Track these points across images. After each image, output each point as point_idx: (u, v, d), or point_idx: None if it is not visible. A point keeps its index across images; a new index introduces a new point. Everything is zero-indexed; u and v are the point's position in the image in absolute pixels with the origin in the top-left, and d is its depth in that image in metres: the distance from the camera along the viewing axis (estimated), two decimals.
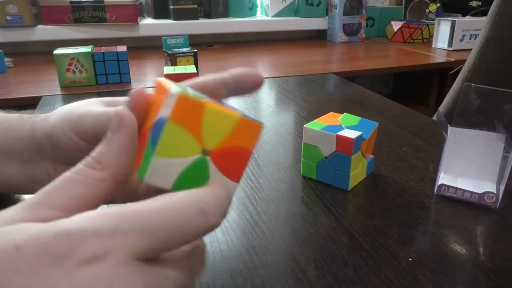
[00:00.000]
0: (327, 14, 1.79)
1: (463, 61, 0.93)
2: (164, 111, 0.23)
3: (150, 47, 1.57)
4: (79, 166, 0.22)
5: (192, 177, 0.24)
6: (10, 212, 0.20)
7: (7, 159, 0.36)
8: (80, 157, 0.35)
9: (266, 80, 1.01)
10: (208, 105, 0.23)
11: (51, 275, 0.18)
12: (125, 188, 0.34)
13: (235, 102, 0.81)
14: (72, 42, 1.41)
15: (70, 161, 0.35)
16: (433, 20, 1.71)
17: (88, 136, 0.33)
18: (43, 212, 0.20)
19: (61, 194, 0.21)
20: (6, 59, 1.21)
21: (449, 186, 0.44)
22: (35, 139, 0.35)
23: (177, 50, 1.04)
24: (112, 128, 0.23)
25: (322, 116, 0.48)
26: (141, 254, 0.20)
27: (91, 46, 1.02)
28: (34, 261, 0.18)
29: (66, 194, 0.21)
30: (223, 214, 0.22)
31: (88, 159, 0.22)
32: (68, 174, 0.22)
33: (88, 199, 0.21)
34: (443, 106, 0.93)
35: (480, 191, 0.42)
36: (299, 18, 1.75)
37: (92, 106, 0.34)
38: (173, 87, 0.23)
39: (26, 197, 0.43)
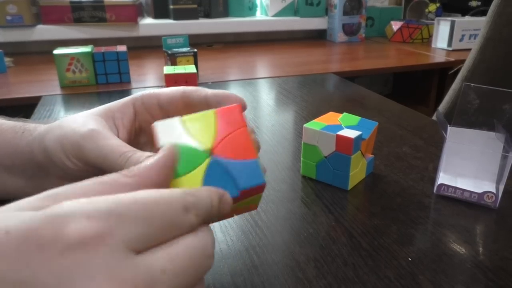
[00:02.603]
0: (326, 14, 1.79)
1: (463, 61, 0.93)
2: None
3: (150, 47, 1.57)
4: (113, 173, 0.22)
5: (215, 180, 0.26)
6: (30, 199, 0.20)
7: (11, 174, 0.35)
8: (85, 176, 0.33)
9: (266, 80, 1.01)
10: (245, 129, 0.27)
11: (32, 263, 0.17)
12: None
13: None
14: (72, 42, 1.40)
15: (76, 179, 0.34)
16: (433, 20, 1.71)
17: (90, 164, 0.31)
18: (58, 202, 0.20)
19: (84, 189, 0.21)
20: (6, 59, 1.21)
21: (448, 186, 0.44)
22: (34, 161, 0.34)
23: (177, 50, 1.04)
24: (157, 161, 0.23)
25: (322, 116, 0.49)
26: (134, 242, 0.19)
27: (91, 46, 1.02)
28: (18, 247, 0.17)
29: (89, 191, 0.21)
30: (202, 218, 0.22)
31: (124, 170, 0.23)
32: (99, 177, 0.22)
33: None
34: (442, 106, 0.93)
35: (479, 190, 0.42)
36: (298, 18, 1.75)
37: (93, 130, 0.31)
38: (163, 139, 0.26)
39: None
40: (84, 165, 0.31)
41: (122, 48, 1.01)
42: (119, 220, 0.19)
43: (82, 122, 0.32)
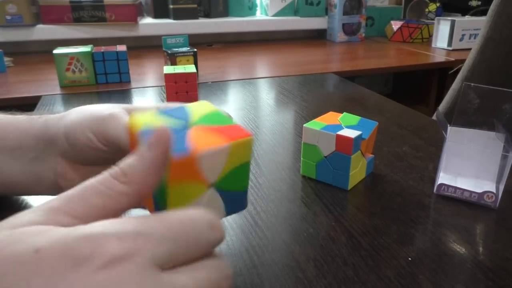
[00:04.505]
0: (326, 14, 1.79)
1: (463, 61, 0.93)
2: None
3: (149, 46, 1.57)
4: (105, 175, 0.22)
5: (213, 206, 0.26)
6: (30, 214, 0.20)
7: (12, 157, 0.36)
8: (94, 159, 0.35)
9: (266, 79, 1.01)
10: (199, 155, 0.24)
11: (68, 279, 0.17)
12: None
13: (235, 103, 0.81)
14: (72, 41, 1.40)
15: (82, 161, 0.36)
16: (433, 19, 1.71)
17: (110, 142, 0.33)
18: (61, 218, 0.20)
19: (82, 202, 0.21)
20: (6, 59, 1.21)
21: (448, 186, 0.44)
22: (47, 135, 0.35)
23: (176, 49, 1.04)
24: (149, 143, 0.22)
25: (322, 116, 0.48)
26: (161, 260, 0.20)
27: (91, 45, 1.02)
28: (52, 264, 0.18)
29: (87, 203, 0.21)
30: (223, 231, 0.23)
31: (115, 169, 0.22)
32: (92, 182, 0.22)
33: (108, 211, 0.21)
34: (442, 106, 0.93)
35: (479, 190, 0.42)
36: (298, 17, 1.75)
37: (118, 112, 0.34)
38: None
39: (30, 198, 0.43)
40: (104, 141, 0.33)
41: (122, 47, 1.01)
42: (146, 240, 0.19)
43: (107, 106, 0.35)
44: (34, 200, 0.42)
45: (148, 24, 1.53)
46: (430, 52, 1.53)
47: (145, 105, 0.37)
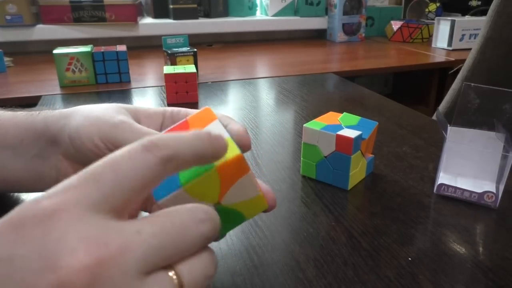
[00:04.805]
0: (326, 14, 1.79)
1: (463, 61, 0.93)
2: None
3: (149, 46, 1.57)
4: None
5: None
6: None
7: (14, 154, 0.36)
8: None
9: (266, 79, 1.01)
10: (249, 173, 0.25)
11: (8, 242, 0.18)
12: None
13: (235, 103, 0.81)
14: (72, 41, 1.40)
15: (85, 162, 0.35)
16: (433, 19, 1.71)
17: (118, 148, 0.32)
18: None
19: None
20: (6, 59, 1.21)
21: (448, 186, 0.44)
22: (49, 134, 0.35)
23: (176, 49, 1.04)
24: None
25: (322, 116, 0.48)
26: (97, 205, 0.19)
27: (91, 45, 1.02)
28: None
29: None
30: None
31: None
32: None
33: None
34: (442, 106, 0.93)
35: (479, 190, 0.42)
36: (298, 17, 1.75)
37: (126, 119, 0.33)
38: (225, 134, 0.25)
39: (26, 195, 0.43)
40: (113, 148, 0.32)
41: (122, 47, 1.01)
42: (77, 190, 0.19)
43: (115, 111, 0.34)
44: None
45: (148, 24, 1.53)
46: (430, 52, 1.53)
47: (144, 107, 0.37)
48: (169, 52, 1.02)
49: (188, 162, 0.22)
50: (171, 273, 0.20)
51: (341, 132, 0.44)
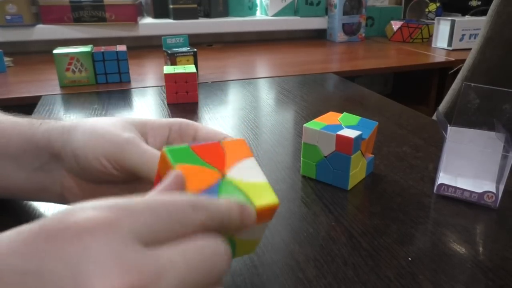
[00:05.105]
0: (326, 14, 1.79)
1: (463, 61, 0.93)
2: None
3: (149, 46, 1.57)
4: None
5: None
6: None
7: (17, 164, 0.35)
8: (102, 180, 0.33)
9: (266, 79, 1.01)
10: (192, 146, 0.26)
11: (39, 253, 0.17)
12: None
13: (235, 103, 0.81)
14: (72, 41, 1.40)
15: (89, 179, 0.35)
16: (433, 19, 1.71)
17: (125, 169, 0.32)
18: None
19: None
20: (6, 59, 1.21)
21: (448, 186, 0.44)
22: (51, 148, 0.34)
23: (176, 49, 1.04)
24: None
25: (322, 116, 0.48)
26: (142, 234, 0.19)
27: (91, 45, 1.02)
28: (26, 241, 0.18)
29: None
30: (217, 223, 0.22)
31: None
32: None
33: None
34: (442, 106, 0.93)
35: (479, 190, 0.42)
36: (298, 17, 1.75)
37: (134, 138, 0.32)
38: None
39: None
40: (120, 168, 0.32)
41: (122, 47, 1.01)
42: (126, 212, 0.19)
43: (122, 127, 0.33)
44: (40, 205, 0.42)
45: (148, 24, 1.53)
46: (430, 52, 1.53)
47: (151, 119, 0.36)
48: (169, 52, 1.02)
49: (214, 228, 0.22)
50: None
51: (341, 132, 0.44)
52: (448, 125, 0.44)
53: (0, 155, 0.35)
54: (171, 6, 1.54)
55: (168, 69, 0.78)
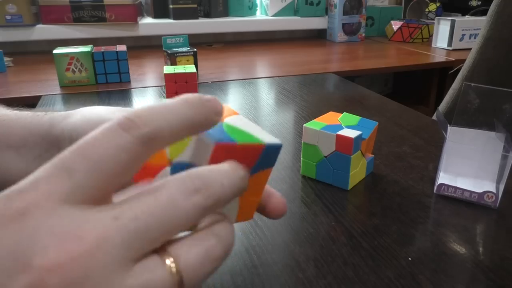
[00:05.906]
0: (326, 14, 1.79)
1: (463, 61, 0.93)
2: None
3: (149, 46, 1.57)
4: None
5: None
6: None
7: (18, 154, 0.36)
8: None
9: (266, 79, 1.01)
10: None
11: None
12: None
13: (235, 103, 0.81)
14: (72, 41, 1.40)
15: None
16: (433, 19, 1.71)
17: None
18: None
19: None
20: (6, 59, 1.21)
21: (448, 186, 0.44)
22: (52, 135, 0.35)
23: (176, 49, 1.04)
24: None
25: (322, 116, 0.48)
26: (71, 196, 0.18)
27: (91, 45, 1.02)
28: None
29: None
30: (148, 123, 0.19)
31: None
32: None
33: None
34: (442, 106, 0.93)
35: (479, 190, 0.42)
36: (298, 17, 1.75)
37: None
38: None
39: None
40: None
41: (122, 47, 1.01)
42: (47, 183, 0.18)
43: (114, 109, 0.33)
44: None
45: (148, 24, 1.53)
46: (430, 52, 1.53)
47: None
48: (169, 52, 1.02)
49: (178, 134, 0.20)
50: (165, 257, 0.18)
51: (341, 132, 0.44)
52: (448, 125, 0.44)
53: (2, 146, 0.36)
54: (171, 6, 1.54)
55: (168, 69, 0.78)
